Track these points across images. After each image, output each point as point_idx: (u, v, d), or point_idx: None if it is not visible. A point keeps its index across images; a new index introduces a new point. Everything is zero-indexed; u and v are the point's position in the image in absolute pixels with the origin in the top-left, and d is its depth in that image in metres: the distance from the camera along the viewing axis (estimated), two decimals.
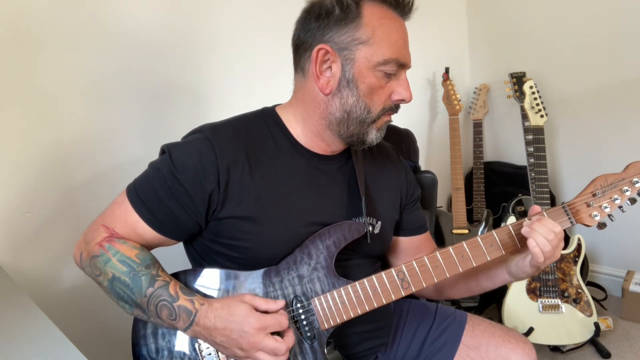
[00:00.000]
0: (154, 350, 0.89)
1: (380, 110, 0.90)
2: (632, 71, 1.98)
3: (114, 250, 0.85)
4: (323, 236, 0.91)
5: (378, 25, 0.86)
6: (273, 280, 0.89)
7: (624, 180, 0.90)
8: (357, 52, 0.86)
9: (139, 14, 1.37)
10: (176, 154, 0.88)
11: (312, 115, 0.93)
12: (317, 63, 0.88)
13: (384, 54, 0.86)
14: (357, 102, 0.88)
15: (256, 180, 0.89)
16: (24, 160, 1.21)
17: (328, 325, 0.88)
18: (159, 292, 0.83)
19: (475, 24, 2.47)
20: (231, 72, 1.59)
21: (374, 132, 0.92)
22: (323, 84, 0.89)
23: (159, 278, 0.85)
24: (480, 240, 0.89)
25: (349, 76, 0.87)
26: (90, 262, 0.86)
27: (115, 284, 0.84)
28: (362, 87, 0.87)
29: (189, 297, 0.84)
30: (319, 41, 0.88)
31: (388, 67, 0.87)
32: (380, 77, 0.88)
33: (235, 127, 0.93)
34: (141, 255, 0.86)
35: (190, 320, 0.83)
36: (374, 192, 1.01)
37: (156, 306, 0.83)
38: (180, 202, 0.87)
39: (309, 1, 0.91)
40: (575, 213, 0.90)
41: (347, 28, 0.86)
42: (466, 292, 1.06)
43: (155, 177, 0.88)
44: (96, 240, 0.87)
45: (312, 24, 0.88)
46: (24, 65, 1.19)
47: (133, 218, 0.88)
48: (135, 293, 0.83)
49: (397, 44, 0.87)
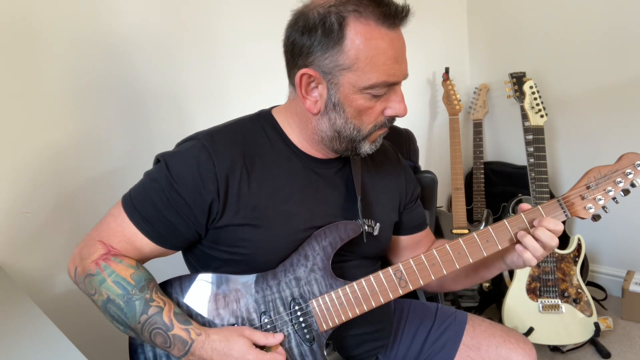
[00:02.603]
0: (152, 358, 0.88)
1: (372, 127, 0.88)
2: (633, 71, 1.98)
3: (110, 270, 0.83)
4: (319, 237, 0.90)
5: (362, 49, 0.80)
6: (270, 284, 0.89)
7: (617, 172, 0.90)
8: (341, 78, 0.82)
9: (139, 14, 1.37)
10: (173, 163, 0.87)
11: (306, 128, 0.91)
12: (302, 86, 0.85)
13: (369, 79, 0.81)
14: (346, 124, 0.86)
15: (254, 187, 0.88)
16: (23, 160, 1.20)
17: (327, 327, 0.88)
18: (153, 319, 0.82)
19: (475, 24, 2.47)
20: (232, 73, 1.59)
21: (367, 145, 0.90)
22: (310, 105, 0.87)
23: (153, 303, 0.83)
24: (477, 237, 0.89)
25: (335, 100, 0.84)
26: (85, 280, 0.85)
27: (109, 305, 0.82)
28: (349, 110, 0.85)
29: (184, 326, 0.83)
30: (302, 64, 0.84)
31: (375, 90, 0.83)
32: (368, 98, 0.84)
33: (232, 133, 0.91)
34: (136, 276, 0.84)
35: (186, 350, 0.81)
36: (372, 194, 1.00)
37: (150, 333, 0.82)
38: (179, 213, 0.85)
39: (296, 10, 0.86)
40: (570, 206, 0.90)
41: (330, 53, 0.81)
42: (467, 284, 1.06)
43: (152, 189, 0.86)
44: (92, 257, 0.85)
45: (297, 39, 0.84)
46: (24, 66, 1.18)
47: (131, 231, 0.86)
48: (129, 318, 0.82)
49: (385, 65, 0.81)
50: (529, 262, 0.88)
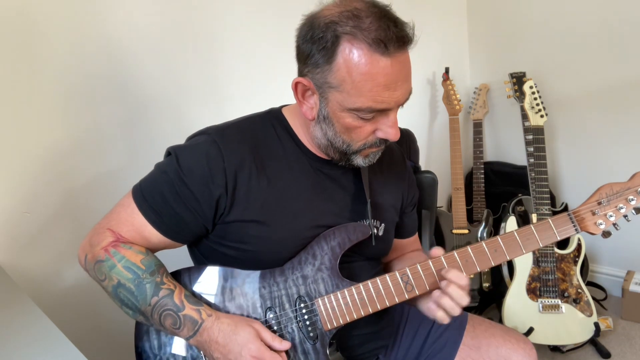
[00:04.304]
0: (157, 346, 0.89)
1: (362, 145, 0.87)
2: (633, 71, 1.98)
3: (120, 256, 0.85)
4: (328, 237, 0.91)
5: (349, 73, 0.78)
6: (277, 280, 0.89)
7: (629, 190, 0.90)
8: (330, 95, 0.82)
9: (141, 15, 1.37)
10: (183, 157, 0.88)
11: (308, 130, 0.92)
12: (298, 92, 0.86)
13: (354, 103, 0.80)
14: (336, 137, 0.86)
15: (263, 184, 0.88)
16: (24, 161, 1.20)
17: (331, 326, 0.89)
18: (163, 301, 0.83)
19: (475, 24, 2.47)
20: (233, 74, 1.59)
21: (360, 159, 0.90)
22: (307, 111, 0.87)
23: (164, 286, 0.85)
24: (485, 246, 0.89)
25: (325, 113, 0.85)
26: (95, 266, 0.86)
27: (119, 290, 0.84)
28: (337, 125, 0.85)
29: (196, 306, 0.84)
30: (301, 70, 0.86)
31: (362, 114, 0.82)
32: (356, 118, 0.83)
33: (242, 129, 0.92)
34: (146, 261, 0.86)
35: (195, 330, 0.83)
36: (378, 194, 1.01)
37: (160, 315, 0.83)
38: (187, 206, 0.86)
39: (308, 14, 0.85)
40: (580, 221, 0.90)
41: (321, 69, 0.81)
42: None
43: (162, 181, 0.88)
44: (102, 244, 0.86)
45: (301, 45, 0.84)
46: (24, 66, 1.18)
47: (140, 221, 0.87)
48: (140, 301, 0.83)
49: (372, 91, 0.79)
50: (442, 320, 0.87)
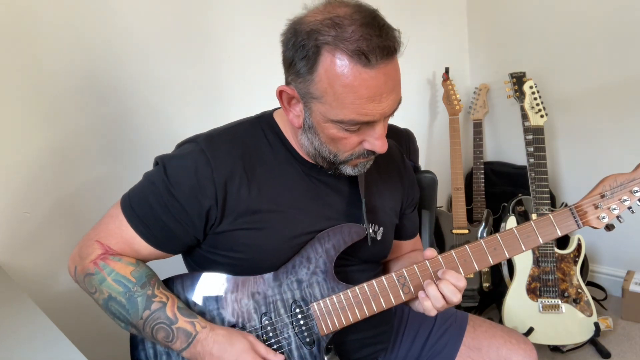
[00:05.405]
0: (152, 355, 0.88)
1: (349, 155, 0.84)
2: (633, 71, 1.97)
3: (109, 269, 0.83)
4: (322, 239, 0.89)
5: (329, 86, 0.75)
6: (272, 285, 0.88)
7: (634, 181, 0.85)
8: (313, 105, 0.79)
9: (138, 16, 1.37)
10: (171, 167, 0.85)
11: (297, 137, 0.89)
12: (283, 100, 0.84)
13: (337, 115, 0.77)
14: (322, 146, 0.84)
15: (254, 192, 0.86)
16: (24, 160, 1.20)
17: (327, 331, 0.87)
18: (155, 314, 0.82)
19: (475, 24, 2.46)
20: (230, 75, 1.59)
21: (348, 168, 0.87)
22: (293, 118, 0.84)
23: (155, 299, 0.83)
24: (484, 244, 0.87)
25: (309, 123, 0.82)
26: (85, 279, 0.85)
27: (110, 303, 0.83)
28: (322, 135, 0.82)
29: (190, 319, 0.83)
30: (285, 78, 0.83)
31: (345, 126, 0.79)
32: (340, 129, 0.79)
33: (231, 136, 0.89)
34: (136, 273, 0.84)
35: (189, 342, 0.82)
36: (376, 198, 0.98)
37: (152, 328, 0.82)
38: (177, 218, 0.85)
39: (292, 20, 0.80)
40: (582, 215, 0.86)
41: (303, 78, 0.78)
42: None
43: (150, 192, 0.86)
44: (90, 257, 0.85)
45: (285, 51, 0.81)
46: (24, 66, 1.18)
47: (129, 233, 0.86)
48: (132, 314, 0.82)
49: (354, 104, 0.75)
50: (428, 312, 0.85)
